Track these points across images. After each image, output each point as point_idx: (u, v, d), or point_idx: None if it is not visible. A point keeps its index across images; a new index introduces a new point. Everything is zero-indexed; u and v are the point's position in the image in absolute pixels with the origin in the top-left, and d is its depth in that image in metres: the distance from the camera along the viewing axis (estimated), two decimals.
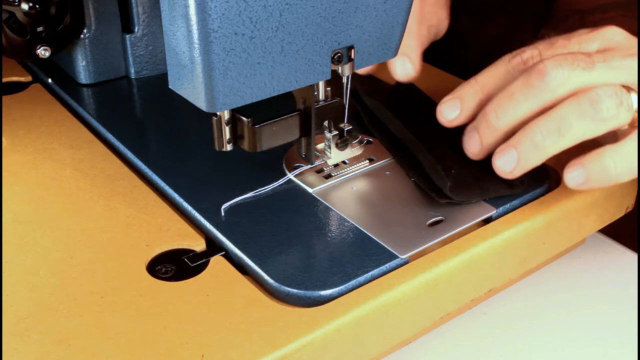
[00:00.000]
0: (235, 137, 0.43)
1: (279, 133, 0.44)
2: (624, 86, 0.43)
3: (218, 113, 0.42)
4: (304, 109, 0.45)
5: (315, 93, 0.45)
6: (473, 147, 0.45)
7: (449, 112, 0.47)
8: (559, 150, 0.43)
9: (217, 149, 0.44)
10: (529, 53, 0.46)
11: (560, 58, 0.43)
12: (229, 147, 0.44)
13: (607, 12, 0.63)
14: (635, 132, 0.43)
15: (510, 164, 0.43)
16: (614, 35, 0.46)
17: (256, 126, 0.43)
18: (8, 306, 0.39)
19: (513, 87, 0.44)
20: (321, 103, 0.45)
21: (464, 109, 0.46)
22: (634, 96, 0.43)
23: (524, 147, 0.43)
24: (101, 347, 0.36)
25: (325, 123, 0.46)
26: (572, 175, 0.43)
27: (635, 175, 0.43)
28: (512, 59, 0.46)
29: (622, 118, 0.42)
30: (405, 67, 0.52)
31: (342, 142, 0.47)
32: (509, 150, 0.43)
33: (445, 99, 0.47)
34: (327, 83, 0.45)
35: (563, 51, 0.45)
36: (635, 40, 0.46)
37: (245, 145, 0.44)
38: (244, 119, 0.43)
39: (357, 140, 0.48)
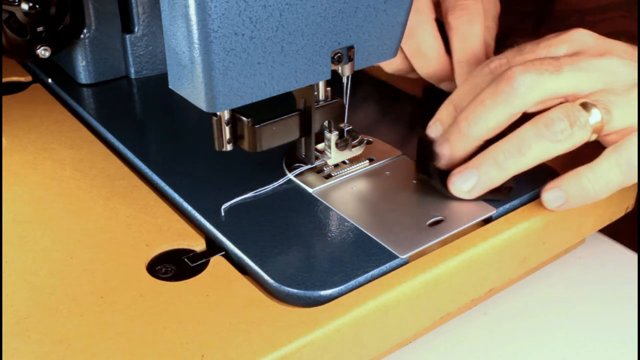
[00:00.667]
0: (235, 137, 0.44)
1: (279, 133, 0.44)
2: (584, 103, 0.43)
3: (218, 113, 0.42)
4: (304, 109, 0.45)
5: (315, 93, 0.45)
6: (442, 157, 0.46)
7: (433, 135, 0.48)
8: (519, 171, 0.44)
9: (217, 149, 0.44)
10: (497, 62, 0.46)
11: (528, 64, 0.44)
12: (229, 147, 0.44)
13: (607, 13, 0.63)
14: (608, 150, 0.44)
15: (469, 183, 0.44)
16: (582, 37, 0.46)
17: (256, 126, 0.43)
18: (8, 306, 0.39)
19: (483, 94, 0.44)
20: (321, 103, 0.45)
21: (445, 130, 0.47)
22: (595, 111, 0.43)
23: (486, 167, 0.44)
24: (101, 347, 0.36)
25: (325, 123, 0.46)
26: (551, 196, 0.44)
27: (613, 190, 0.44)
28: (481, 71, 0.47)
29: (577, 137, 0.43)
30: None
31: (342, 142, 0.47)
32: (470, 170, 0.44)
33: (429, 123, 0.49)
34: (327, 83, 0.45)
35: (531, 57, 0.46)
36: (604, 41, 0.46)
37: (245, 145, 0.44)
38: (244, 119, 0.43)
39: (357, 140, 0.48)
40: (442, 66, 0.54)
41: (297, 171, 0.48)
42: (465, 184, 0.44)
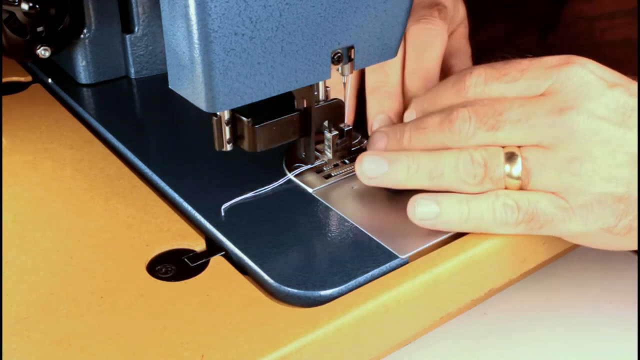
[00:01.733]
0: (235, 137, 0.44)
1: (279, 133, 0.44)
2: (511, 153, 0.42)
3: (218, 113, 0.42)
4: (304, 109, 0.45)
5: (315, 93, 0.45)
6: (375, 147, 0.46)
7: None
8: (421, 188, 0.44)
9: (217, 149, 0.44)
10: (473, 80, 0.45)
11: (473, 111, 0.43)
12: (229, 147, 0.44)
13: (615, 20, 0.63)
14: (490, 191, 0.43)
15: (375, 171, 0.44)
16: (571, 78, 0.42)
17: (256, 126, 0.43)
18: (8, 306, 0.39)
19: (429, 121, 0.44)
20: (321, 103, 0.45)
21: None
22: (519, 166, 0.42)
23: (397, 166, 0.44)
24: (101, 347, 0.36)
25: (325, 123, 0.46)
26: (424, 205, 0.43)
27: (483, 230, 0.43)
28: (457, 82, 0.45)
29: (485, 187, 0.43)
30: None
31: (342, 142, 0.47)
32: (382, 159, 0.44)
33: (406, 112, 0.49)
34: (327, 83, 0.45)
35: (506, 89, 0.44)
36: (591, 86, 0.42)
37: (245, 145, 0.44)
38: (244, 119, 0.43)
39: (356, 140, 0.48)
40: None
41: (297, 171, 0.48)
42: (371, 170, 0.44)
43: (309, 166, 0.48)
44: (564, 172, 0.41)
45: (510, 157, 0.42)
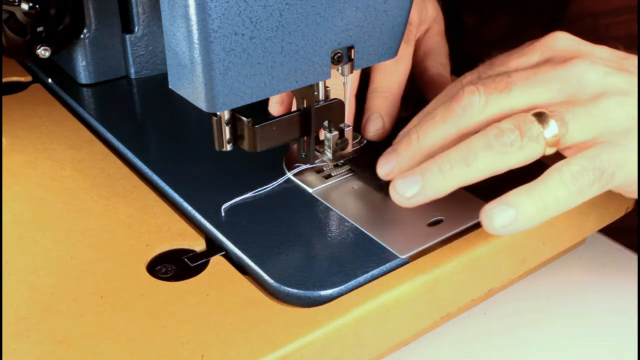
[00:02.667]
0: (235, 137, 0.43)
1: (278, 133, 0.44)
2: (539, 113, 0.41)
3: (218, 113, 0.42)
4: (303, 109, 0.45)
5: (315, 93, 0.45)
6: (386, 166, 0.44)
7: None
8: (465, 182, 0.42)
9: (217, 149, 0.44)
10: (468, 77, 0.45)
11: (479, 83, 0.42)
12: (229, 147, 0.44)
13: (620, 16, 0.63)
14: (551, 169, 0.41)
15: (412, 189, 0.42)
16: (556, 42, 0.44)
17: (256, 126, 0.43)
18: (8, 306, 0.39)
19: (436, 110, 0.43)
20: (321, 103, 0.45)
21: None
22: (552, 122, 0.41)
23: (430, 173, 0.41)
24: (101, 347, 0.36)
25: (325, 123, 0.46)
26: (499, 213, 0.40)
27: (564, 209, 0.41)
28: (454, 86, 0.45)
29: (529, 150, 0.41)
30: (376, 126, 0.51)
31: (342, 142, 0.47)
32: (414, 176, 0.42)
33: (401, 132, 0.47)
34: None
35: (501, 70, 0.44)
36: (580, 45, 0.44)
37: (245, 145, 0.44)
38: (244, 119, 0.43)
39: (356, 140, 0.48)
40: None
41: (297, 170, 0.48)
42: (408, 190, 0.41)
43: (309, 166, 0.48)
44: (594, 111, 0.41)
45: (539, 116, 0.41)
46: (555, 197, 0.40)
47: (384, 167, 0.44)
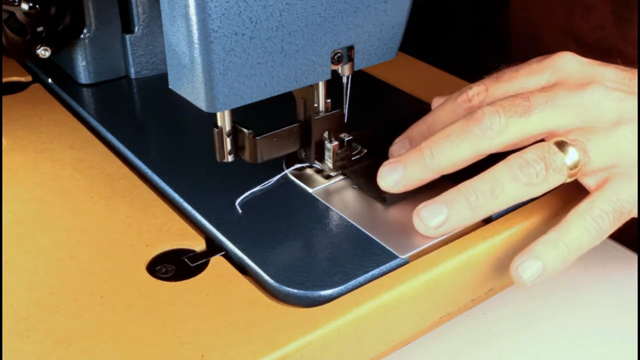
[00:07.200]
0: (237, 148, 0.44)
1: (279, 144, 0.45)
2: (561, 142, 0.41)
3: (219, 124, 0.42)
4: (304, 120, 0.45)
5: (315, 105, 0.45)
6: (389, 178, 0.43)
7: (399, 152, 0.47)
8: (492, 212, 0.42)
9: (218, 160, 0.44)
10: (475, 90, 0.45)
11: (498, 104, 0.42)
12: (230, 158, 0.44)
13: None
14: (573, 214, 0.42)
15: (437, 219, 0.41)
16: (565, 63, 0.44)
17: (257, 138, 0.43)
18: (8, 306, 0.39)
19: (452, 128, 0.42)
20: (321, 114, 0.45)
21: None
22: (572, 151, 0.41)
23: (458, 205, 0.41)
24: (101, 347, 0.36)
25: (326, 134, 0.46)
26: (529, 267, 0.41)
27: (583, 252, 0.42)
28: (459, 97, 0.46)
29: (552, 181, 0.41)
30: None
31: (342, 152, 0.47)
32: (440, 205, 0.41)
33: (397, 139, 0.48)
34: (327, 94, 0.45)
35: (508, 87, 0.44)
36: (591, 67, 0.44)
37: (246, 156, 0.44)
38: (245, 130, 0.43)
39: (356, 151, 0.48)
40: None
41: (295, 167, 0.48)
42: (433, 220, 0.41)
43: (309, 165, 0.48)
44: (613, 139, 0.42)
45: (560, 145, 0.41)
46: (579, 244, 0.41)
47: (388, 179, 0.44)
